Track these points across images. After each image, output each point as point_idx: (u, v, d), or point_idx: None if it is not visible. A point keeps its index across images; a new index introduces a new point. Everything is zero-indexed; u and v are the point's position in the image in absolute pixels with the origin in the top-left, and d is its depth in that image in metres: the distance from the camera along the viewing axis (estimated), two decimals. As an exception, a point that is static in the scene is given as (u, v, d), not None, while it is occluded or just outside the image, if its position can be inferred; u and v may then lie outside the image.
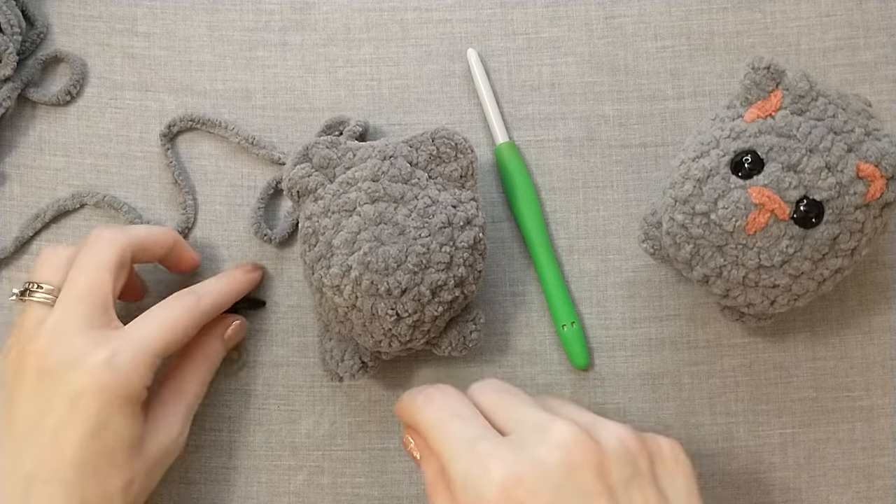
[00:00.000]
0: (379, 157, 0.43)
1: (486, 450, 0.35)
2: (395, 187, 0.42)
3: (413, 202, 0.42)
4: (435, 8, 0.50)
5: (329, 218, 0.42)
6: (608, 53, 0.50)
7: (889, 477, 0.47)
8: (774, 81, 0.41)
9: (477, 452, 0.35)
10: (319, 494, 0.47)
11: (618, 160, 0.49)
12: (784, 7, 0.50)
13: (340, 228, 0.42)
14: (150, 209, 0.49)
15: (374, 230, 0.42)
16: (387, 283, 0.41)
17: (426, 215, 0.42)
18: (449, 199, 0.43)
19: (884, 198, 0.40)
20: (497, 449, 0.35)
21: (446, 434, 0.36)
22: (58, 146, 0.50)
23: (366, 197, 0.42)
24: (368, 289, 0.41)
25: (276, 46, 0.50)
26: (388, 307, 0.41)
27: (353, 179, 0.43)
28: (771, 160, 0.40)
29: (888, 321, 0.48)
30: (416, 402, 0.39)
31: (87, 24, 0.51)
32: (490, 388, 0.39)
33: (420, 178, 0.43)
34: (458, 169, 0.44)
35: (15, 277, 0.49)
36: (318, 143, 0.44)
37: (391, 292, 0.41)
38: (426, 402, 0.38)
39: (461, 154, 0.44)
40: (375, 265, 0.41)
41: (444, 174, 0.44)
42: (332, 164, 0.44)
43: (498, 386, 0.39)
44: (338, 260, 0.42)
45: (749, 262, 0.41)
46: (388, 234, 0.42)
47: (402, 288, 0.41)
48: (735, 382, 0.48)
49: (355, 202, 0.42)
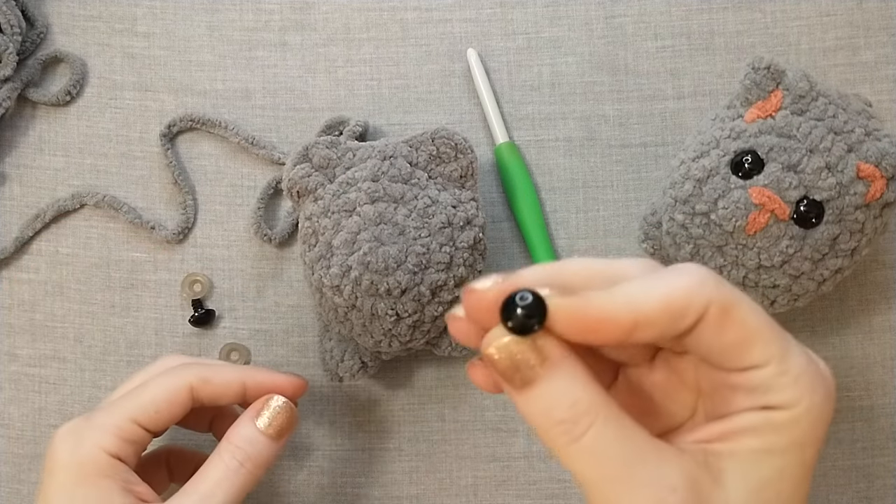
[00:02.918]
0: (379, 157, 0.43)
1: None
2: (394, 187, 0.42)
3: (413, 202, 0.42)
4: (435, 8, 0.50)
5: (329, 218, 0.42)
6: (608, 53, 0.50)
7: (889, 477, 0.47)
8: (774, 81, 0.41)
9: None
10: (319, 494, 0.47)
11: (618, 160, 0.49)
12: (784, 7, 0.50)
13: (340, 229, 0.42)
14: (150, 209, 0.49)
15: (373, 230, 0.41)
16: (387, 284, 0.41)
17: (426, 215, 0.42)
18: (449, 200, 0.43)
19: (884, 198, 0.40)
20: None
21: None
22: (58, 146, 0.50)
23: (366, 197, 0.42)
24: (368, 289, 0.41)
25: (276, 46, 0.50)
26: (388, 307, 0.41)
27: (353, 179, 0.43)
28: (771, 160, 0.40)
29: (888, 321, 0.48)
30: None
31: (87, 24, 0.51)
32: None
33: (420, 178, 0.43)
34: (458, 169, 0.44)
35: (15, 277, 0.49)
36: (317, 143, 0.44)
37: (391, 292, 0.41)
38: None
39: (461, 154, 0.43)
40: (375, 265, 0.41)
41: (444, 174, 0.44)
42: (332, 164, 0.43)
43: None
44: (338, 260, 0.42)
45: (749, 262, 0.41)
46: (388, 235, 0.41)
47: (402, 288, 0.41)
48: (735, 382, 0.47)
49: (355, 202, 0.42)
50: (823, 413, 0.28)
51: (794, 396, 0.28)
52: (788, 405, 0.28)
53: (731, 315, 0.27)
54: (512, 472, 0.47)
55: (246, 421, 0.38)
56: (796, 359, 0.28)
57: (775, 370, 0.28)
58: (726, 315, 0.27)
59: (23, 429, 0.48)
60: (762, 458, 0.28)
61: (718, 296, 0.27)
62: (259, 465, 0.38)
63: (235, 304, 0.48)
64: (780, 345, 0.28)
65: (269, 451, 0.38)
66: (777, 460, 0.28)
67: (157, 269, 0.48)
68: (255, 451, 0.38)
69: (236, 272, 0.49)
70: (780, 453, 0.28)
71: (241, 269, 0.49)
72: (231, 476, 0.37)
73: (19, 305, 0.49)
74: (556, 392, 0.27)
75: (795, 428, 0.28)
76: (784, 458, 0.28)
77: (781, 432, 0.28)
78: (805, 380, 0.28)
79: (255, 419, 0.38)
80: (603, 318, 0.26)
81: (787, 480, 0.28)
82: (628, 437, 0.27)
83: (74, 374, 0.48)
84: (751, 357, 0.28)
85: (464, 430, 0.48)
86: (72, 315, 0.49)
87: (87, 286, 0.49)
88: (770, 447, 0.28)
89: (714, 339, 0.27)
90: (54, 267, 0.49)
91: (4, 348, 0.48)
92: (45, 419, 0.48)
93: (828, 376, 0.29)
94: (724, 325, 0.27)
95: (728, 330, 0.27)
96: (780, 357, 0.28)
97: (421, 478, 0.47)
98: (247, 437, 0.38)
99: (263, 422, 0.38)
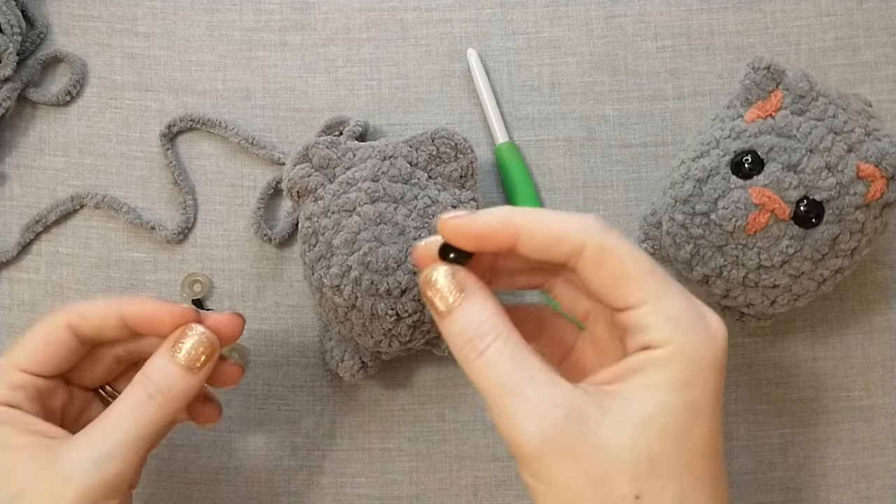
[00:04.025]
0: (379, 157, 0.43)
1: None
2: (395, 187, 0.42)
3: (413, 202, 0.42)
4: (435, 8, 0.50)
5: (329, 218, 0.42)
6: (608, 53, 0.50)
7: (889, 477, 0.47)
8: (774, 81, 0.41)
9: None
10: (319, 494, 0.47)
11: (618, 160, 0.49)
12: (784, 7, 0.50)
13: (340, 228, 0.42)
14: (150, 209, 0.49)
15: (374, 230, 0.41)
16: (387, 284, 0.41)
17: (426, 215, 0.42)
18: (449, 199, 0.43)
19: (884, 198, 0.40)
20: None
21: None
22: (58, 146, 0.50)
23: (366, 197, 0.42)
24: (368, 289, 0.41)
25: (276, 46, 0.50)
26: (388, 307, 0.41)
27: (353, 179, 0.43)
28: (771, 160, 0.40)
29: (888, 321, 0.48)
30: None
31: (87, 24, 0.51)
32: None
33: (420, 178, 0.43)
34: (458, 169, 0.44)
35: (15, 277, 0.49)
36: (317, 143, 0.44)
37: (391, 292, 0.41)
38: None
39: (461, 154, 0.43)
40: (375, 265, 0.41)
41: (443, 174, 0.44)
42: (332, 165, 0.43)
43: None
44: (338, 260, 0.42)
45: (749, 262, 0.41)
46: (388, 235, 0.41)
47: (402, 288, 0.41)
48: (735, 382, 0.48)
49: (355, 202, 0.42)
50: (705, 355, 0.31)
51: (667, 335, 0.31)
52: (662, 343, 0.30)
53: (609, 255, 0.31)
54: (512, 472, 0.47)
55: (160, 352, 0.37)
56: (673, 301, 0.31)
57: (649, 309, 0.31)
58: (604, 254, 0.31)
59: (23, 429, 0.48)
60: (645, 394, 0.30)
61: (598, 235, 0.31)
62: (171, 398, 0.36)
63: (235, 305, 0.48)
64: (656, 287, 0.31)
65: (184, 384, 0.36)
66: (658, 395, 0.30)
67: (157, 269, 0.48)
68: (166, 384, 0.36)
69: (236, 272, 0.49)
70: (662, 389, 0.30)
71: (241, 269, 0.49)
72: (140, 408, 0.35)
73: (19, 305, 0.49)
74: (468, 315, 0.32)
75: (671, 366, 0.30)
76: (666, 394, 0.30)
77: (659, 370, 0.30)
78: (680, 321, 0.31)
79: (169, 350, 0.37)
80: (487, 227, 0.32)
81: (672, 415, 0.30)
82: (524, 359, 0.31)
83: (74, 374, 0.48)
84: (626, 296, 0.31)
85: (464, 430, 0.48)
86: (72, 315, 0.49)
87: (87, 286, 0.49)
88: (651, 384, 0.30)
89: (595, 276, 0.31)
90: (54, 267, 0.49)
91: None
92: (45, 419, 0.48)
93: (713, 323, 0.32)
94: (603, 263, 0.31)
95: (606, 268, 0.31)
96: (656, 298, 0.31)
97: (421, 478, 0.47)
98: (158, 369, 0.36)
99: (177, 352, 0.36)
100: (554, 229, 0.32)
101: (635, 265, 0.31)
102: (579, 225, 0.32)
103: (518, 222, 0.32)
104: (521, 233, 0.32)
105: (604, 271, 0.31)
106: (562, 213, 0.33)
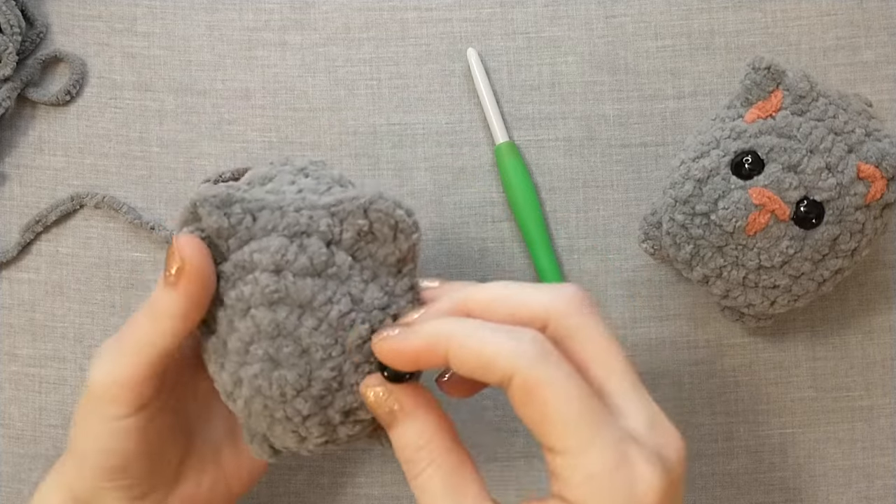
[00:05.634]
0: (286, 233, 0.33)
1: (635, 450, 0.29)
2: (302, 285, 0.32)
3: (325, 308, 0.32)
4: (435, 7, 0.50)
5: (222, 310, 0.33)
6: (608, 53, 0.50)
7: (889, 477, 0.47)
8: (775, 81, 0.41)
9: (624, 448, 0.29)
10: (319, 494, 0.47)
11: (618, 160, 0.49)
12: (784, 6, 0.50)
13: (233, 329, 0.33)
14: (150, 209, 0.49)
15: (268, 346, 0.32)
16: (283, 411, 0.33)
17: (340, 327, 0.33)
18: (377, 296, 0.33)
19: (884, 198, 0.40)
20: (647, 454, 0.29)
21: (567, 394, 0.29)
22: (58, 146, 0.50)
23: (261, 297, 0.32)
24: (262, 412, 0.33)
25: (275, 46, 0.50)
26: (289, 430, 0.34)
27: (250, 264, 0.33)
28: (771, 161, 0.40)
29: (888, 321, 0.48)
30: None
31: (86, 23, 0.51)
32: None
33: (341, 266, 0.33)
34: (396, 252, 0.33)
35: (15, 277, 0.49)
36: (206, 199, 0.33)
37: (290, 419, 0.33)
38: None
39: (401, 235, 0.33)
40: (268, 391, 0.33)
41: (374, 257, 0.34)
42: (225, 235, 0.33)
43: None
44: (230, 367, 0.33)
45: (749, 262, 0.41)
46: (286, 354, 0.32)
47: (303, 415, 0.33)
48: (735, 382, 0.48)
49: (249, 300, 0.33)
50: None
51: (580, 496, 0.28)
52: (574, 503, 0.28)
53: (534, 393, 0.28)
54: (511, 472, 0.47)
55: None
56: (597, 455, 0.28)
57: (568, 462, 0.28)
58: (528, 392, 0.29)
59: (23, 429, 0.48)
60: None
61: (527, 368, 0.28)
62: (158, 315, 0.34)
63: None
64: (580, 436, 0.28)
65: (168, 299, 0.33)
66: None
67: (158, 269, 0.48)
68: (153, 300, 0.34)
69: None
70: None
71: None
72: (133, 323, 0.35)
73: (19, 305, 0.49)
74: (407, 435, 0.32)
75: None
76: None
77: None
78: (600, 483, 0.28)
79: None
80: (416, 350, 0.31)
81: None
82: (457, 485, 0.31)
83: (74, 374, 0.48)
84: (548, 440, 0.29)
85: (464, 430, 0.47)
86: (72, 315, 0.49)
87: (87, 286, 0.49)
88: None
89: (520, 410, 0.29)
90: (54, 267, 0.49)
91: (4, 348, 0.48)
92: (45, 419, 0.48)
93: (641, 483, 0.28)
94: (527, 400, 0.29)
95: (530, 406, 0.29)
96: (577, 450, 0.28)
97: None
98: (153, 292, 0.35)
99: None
100: (483, 353, 0.29)
101: (562, 408, 0.28)
102: (510, 351, 0.29)
103: (446, 344, 0.30)
104: (449, 355, 0.30)
105: (528, 409, 0.29)
106: (500, 329, 0.30)
